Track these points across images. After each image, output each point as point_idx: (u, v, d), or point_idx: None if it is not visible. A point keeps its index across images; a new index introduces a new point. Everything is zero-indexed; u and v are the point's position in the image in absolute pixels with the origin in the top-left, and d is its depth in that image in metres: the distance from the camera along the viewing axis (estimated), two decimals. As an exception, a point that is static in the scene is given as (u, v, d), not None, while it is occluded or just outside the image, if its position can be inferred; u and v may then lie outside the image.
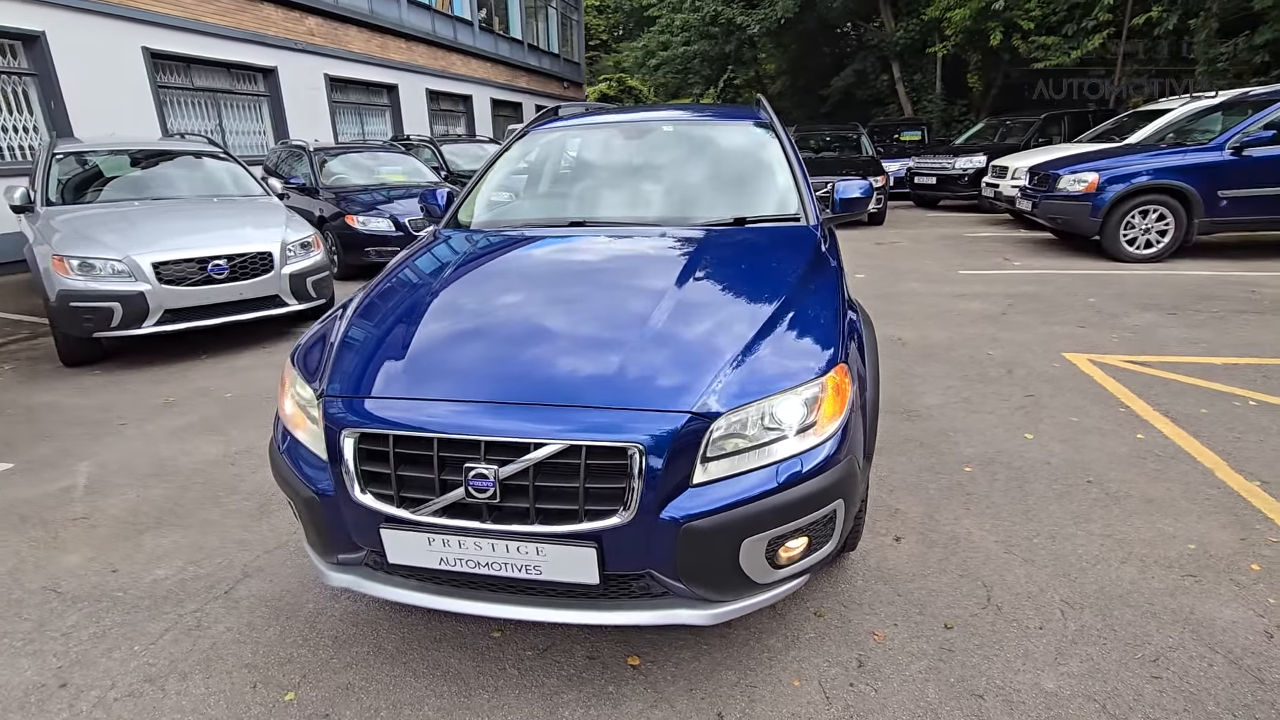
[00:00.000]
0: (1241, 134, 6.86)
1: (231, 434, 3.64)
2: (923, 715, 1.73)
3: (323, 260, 5.53)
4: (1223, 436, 3.19)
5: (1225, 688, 1.79)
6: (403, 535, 1.63)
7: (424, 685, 1.89)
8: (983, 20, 14.55)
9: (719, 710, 1.77)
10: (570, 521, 1.54)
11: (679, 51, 20.98)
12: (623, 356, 1.70)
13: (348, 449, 1.65)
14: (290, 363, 2.01)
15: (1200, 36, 11.60)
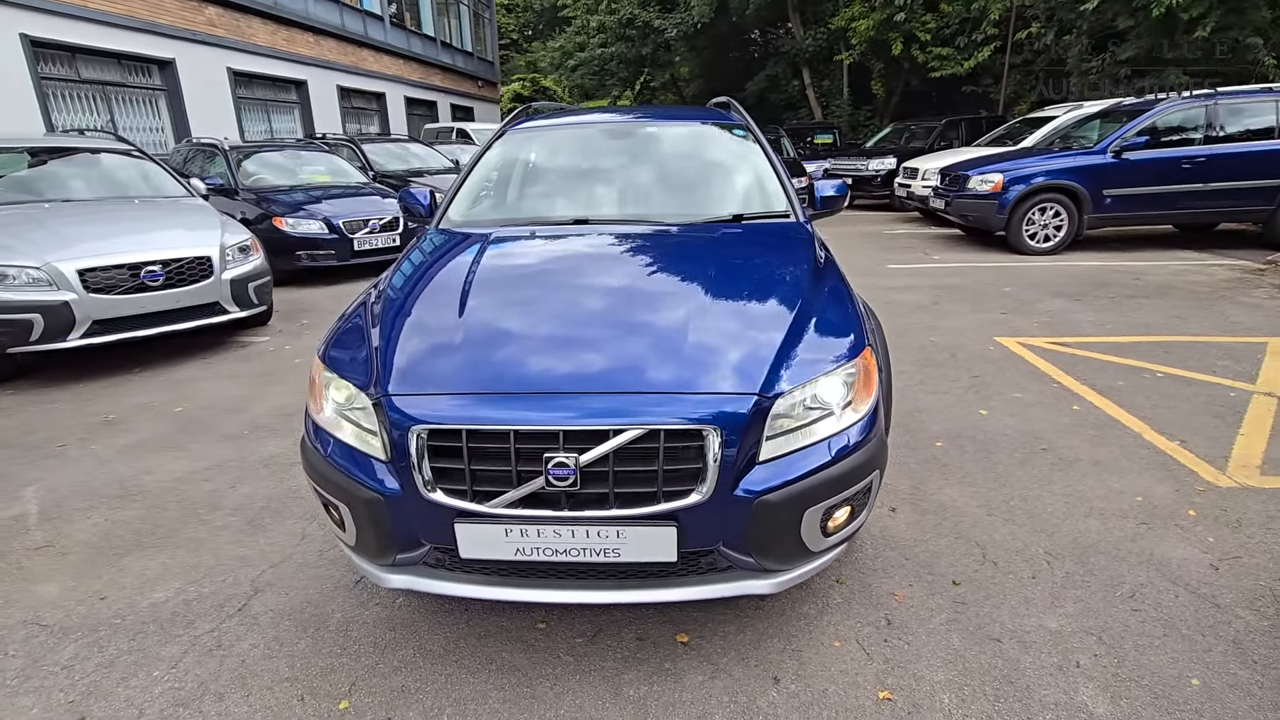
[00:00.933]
0: (1120, 139, 7.71)
1: (193, 449, 3.42)
2: (953, 661, 1.92)
3: (264, 264, 5.26)
4: (1142, 405, 3.63)
5: (1192, 613, 2.08)
6: (478, 529, 1.65)
7: (482, 681, 1.90)
8: (885, 31, 15.53)
9: (774, 675, 1.89)
10: (647, 503, 1.62)
11: (596, 53, 21.07)
12: (679, 344, 1.78)
13: (417, 447, 1.65)
14: (323, 365, 1.95)
15: (1074, 51, 12.88)
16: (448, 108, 22.64)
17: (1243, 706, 1.75)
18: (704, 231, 2.61)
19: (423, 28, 20.62)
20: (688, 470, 1.62)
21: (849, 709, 1.77)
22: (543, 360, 1.78)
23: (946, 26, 15.20)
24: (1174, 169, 7.66)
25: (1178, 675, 1.85)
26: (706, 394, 1.65)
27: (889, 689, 1.83)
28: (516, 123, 3.51)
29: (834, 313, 2.04)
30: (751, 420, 1.63)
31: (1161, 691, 1.80)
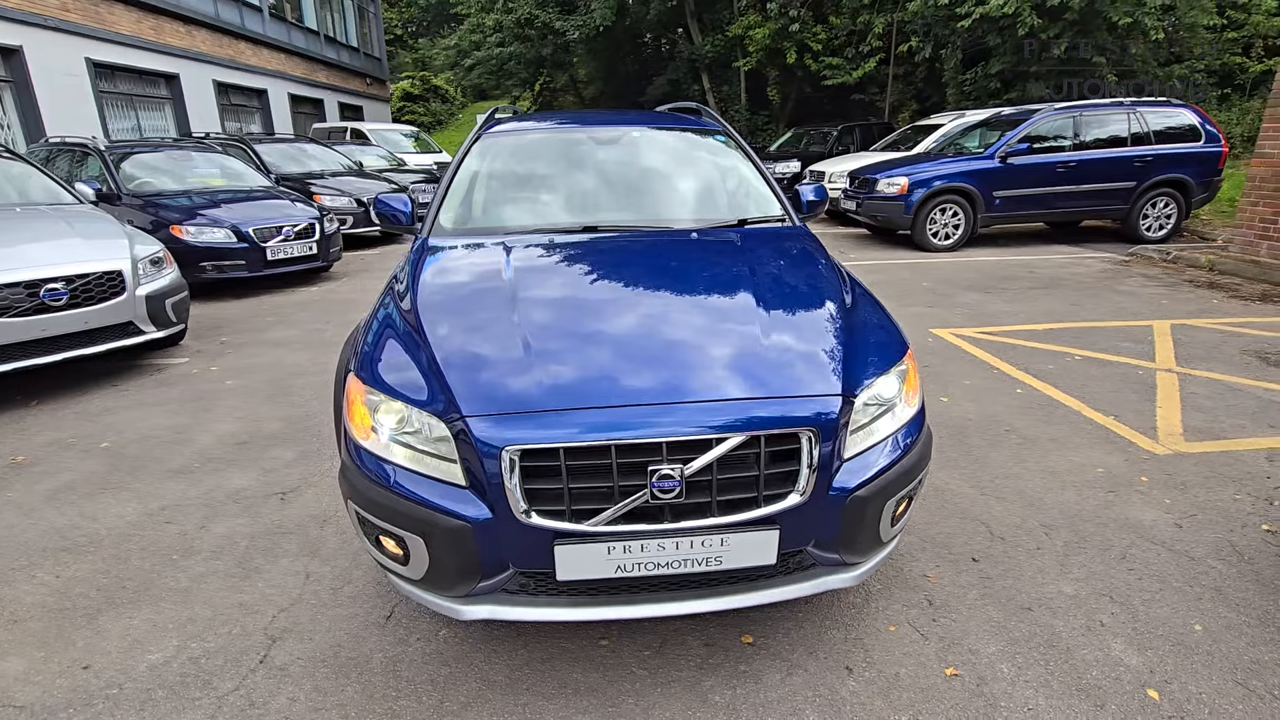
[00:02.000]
0: (1006, 145, 8.52)
1: (138, 489, 3.05)
2: (998, 632, 2.07)
3: (180, 278, 4.75)
4: (1072, 385, 4.05)
5: (1175, 568, 2.36)
6: (577, 549, 1.59)
7: (561, 705, 1.84)
8: (780, 41, 16.25)
9: (846, 665, 1.96)
10: (747, 509, 1.63)
11: (494, 53, 20.59)
12: (755, 350, 1.81)
13: (510, 470, 1.57)
14: (367, 386, 1.80)
15: (949, 65, 14.08)
16: (335, 106, 21.35)
17: (1239, 644, 2.01)
18: (721, 236, 2.65)
19: (305, 20, 19.32)
20: (783, 473, 1.65)
21: (924, 689, 1.87)
22: (625, 372, 1.74)
23: (836, 38, 16.13)
24: (1050, 172, 8.57)
25: (1183, 623, 2.10)
26: (798, 397, 1.68)
27: (952, 665, 1.95)
28: (488, 128, 3.39)
29: (874, 314, 2.14)
30: (838, 420, 1.68)
31: (1176, 639, 2.03)
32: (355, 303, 6.50)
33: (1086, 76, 12.14)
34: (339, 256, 7.75)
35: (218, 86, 14.82)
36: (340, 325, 5.69)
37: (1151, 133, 8.59)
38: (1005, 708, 1.80)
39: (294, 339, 5.34)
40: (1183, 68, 12.43)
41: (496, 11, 20.01)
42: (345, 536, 2.65)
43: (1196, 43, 12.16)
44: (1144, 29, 11.09)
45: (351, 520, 1.93)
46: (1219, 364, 4.35)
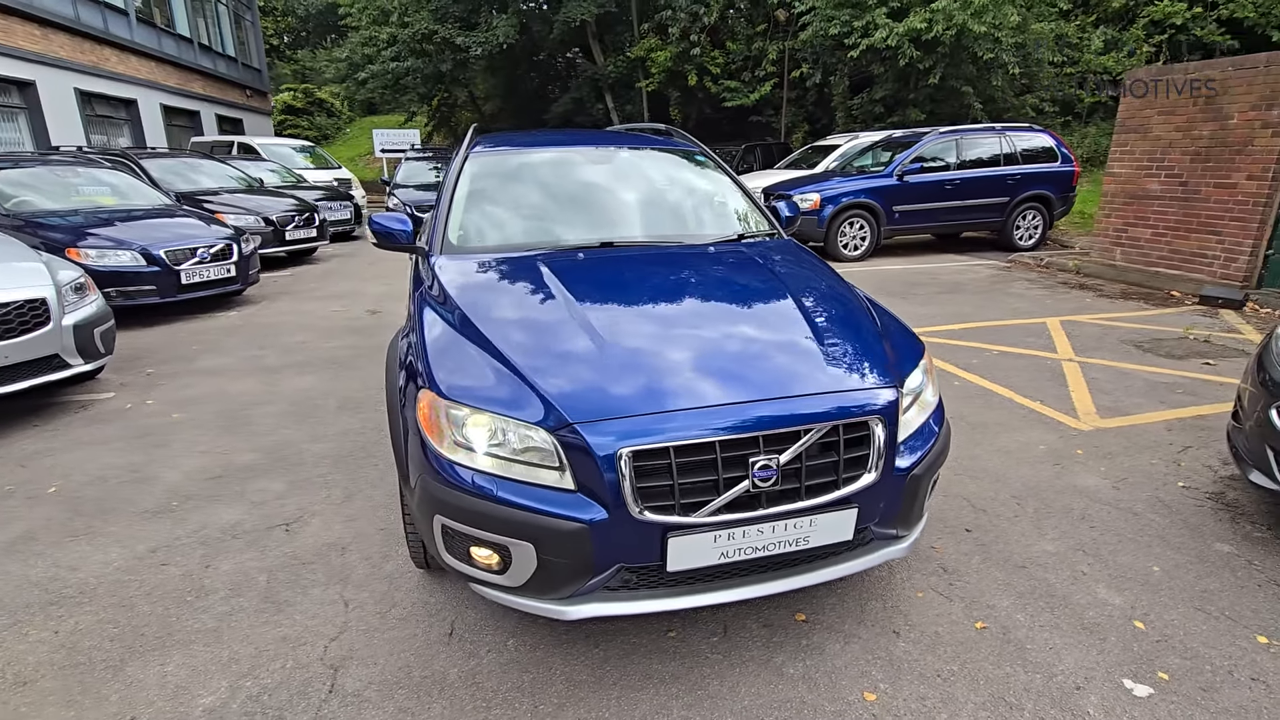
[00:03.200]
0: (902, 164, 9.40)
1: (114, 532, 2.81)
2: (1006, 588, 2.38)
3: (105, 306, 4.36)
4: (998, 376, 4.59)
5: (1125, 523, 2.79)
6: (688, 541, 1.71)
7: (652, 695, 1.94)
8: (681, 63, 16.93)
9: (893, 629, 2.19)
10: (828, 492, 1.82)
11: (389, 67, 19.94)
12: (814, 348, 2.01)
13: (625, 469, 1.67)
14: (450, 400, 1.83)
15: (838, 90, 15.24)
16: (213, 118, 19.86)
17: (1189, 578, 2.43)
18: (734, 248, 2.85)
19: (175, 26, 17.89)
20: (856, 457, 1.85)
21: (963, 642, 2.13)
22: (710, 373, 1.88)
23: (733, 63, 17.02)
24: (939, 189, 9.52)
25: (1144, 566, 2.50)
26: (864, 389, 1.90)
27: (979, 619, 2.23)
28: (474, 146, 3.42)
29: (889, 316, 2.41)
30: (896, 407, 1.92)
31: (1142, 580, 2.42)
32: (285, 327, 6.16)
33: (956, 104, 13.56)
34: (257, 279, 7.30)
35: (81, 96, 13.42)
36: (280, 351, 5.40)
37: (1019, 153, 9.76)
38: (1032, 649, 2.09)
39: (231, 367, 5.01)
40: (1033, 98, 14.18)
41: (391, 25, 19.44)
42: (373, 561, 2.59)
43: (1043, 76, 13.92)
44: (1003, 64, 12.57)
45: (429, 536, 1.94)
46: (1106, 352, 5.07)
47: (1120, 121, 7.76)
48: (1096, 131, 14.17)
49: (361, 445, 3.63)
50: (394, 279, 8.51)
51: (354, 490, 3.15)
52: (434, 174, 13.98)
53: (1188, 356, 4.98)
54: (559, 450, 1.74)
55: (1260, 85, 6.37)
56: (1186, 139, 7.04)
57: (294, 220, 9.41)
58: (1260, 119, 6.39)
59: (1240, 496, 2.98)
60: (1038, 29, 12.89)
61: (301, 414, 4.09)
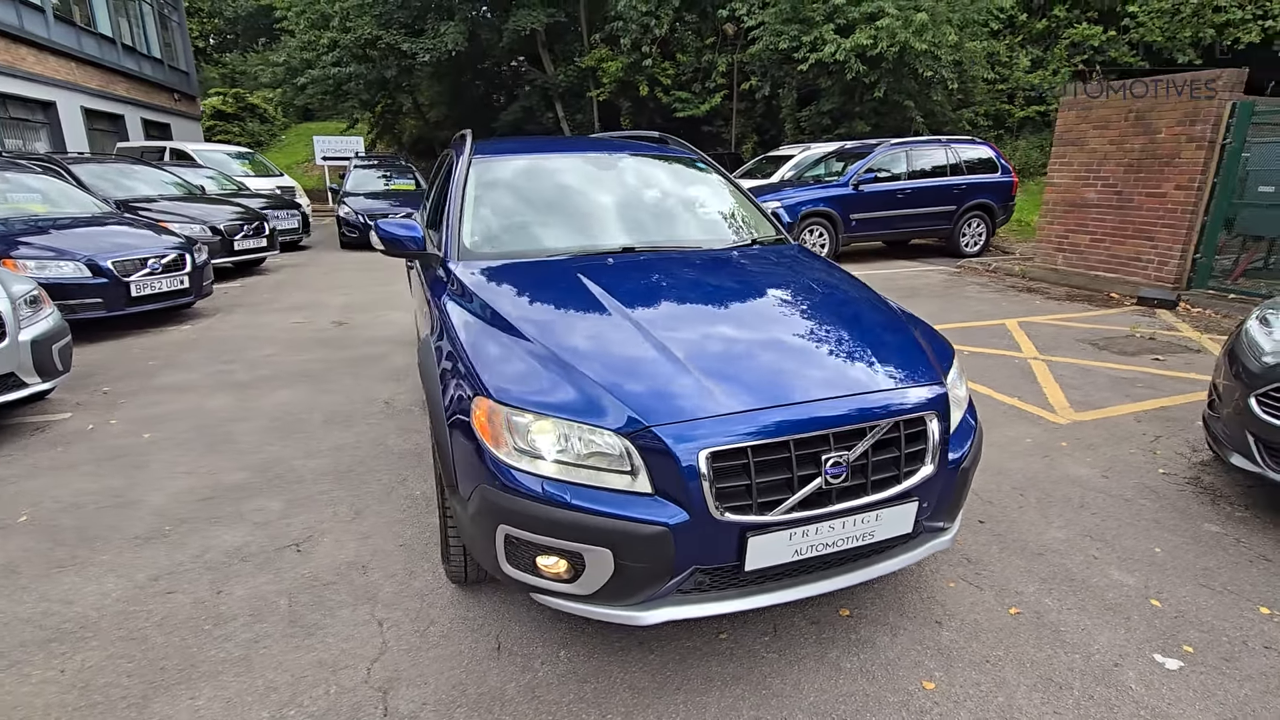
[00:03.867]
0: (857, 174, 9.74)
1: (105, 561, 2.62)
2: (1029, 574, 2.49)
3: (62, 320, 4.06)
4: (975, 374, 4.80)
5: (1122, 508, 2.97)
6: (766, 539, 1.73)
7: (718, 697, 1.94)
8: (632, 74, 17.08)
9: (935, 619, 2.26)
10: (889, 486, 1.87)
11: (331, 72, 19.34)
12: (865, 349, 2.06)
13: (705, 470, 1.67)
14: (519, 409, 1.80)
15: (786, 103, 15.68)
16: (138, 123, 18.78)
17: (1190, 557, 2.60)
18: (758, 253, 2.90)
19: (96, 25, 16.86)
20: (914, 452, 1.91)
21: (1001, 628, 2.21)
22: (770, 374, 1.90)
23: (683, 74, 17.28)
24: (892, 198, 9.91)
25: (1147, 548, 2.66)
26: (918, 386, 1.96)
27: (1012, 606, 2.32)
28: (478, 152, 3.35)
29: (914, 318, 2.50)
30: (946, 403, 1.99)
31: (1148, 560, 2.58)
32: (247, 340, 5.87)
33: (899, 117, 14.16)
34: (210, 291, 6.93)
35: (-7, 96, 12.49)
36: (248, 365, 5.14)
37: (963, 164, 10.27)
38: (1066, 631, 2.19)
39: (197, 383, 4.74)
40: (969, 112, 14.95)
41: (333, 30, 18.89)
42: (399, 579, 2.50)
43: (977, 92, 14.71)
44: (942, 79, 13.21)
45: (486, 547, 1.88)
46: (1067, 351, 5.38)
47: (1059, 135, 8.27)
48: (1026, 144, 15.05)
49: (359, 460, 3.49)
50: (353, 289, 8.24)
51: (361, 507, 3.02)
52: (382, 182, 13.65)
53: (1139, 353, 5.33)
54: (630, 454, 1.73)
55: (1184, 103, 6.91)
56: (1120, 151, 7.57)
57: (243, 229, 9.00)
58: (1185, 134, 6.93)
59: (1216, 480, 3.21)
60: (971, 47, 13.61)
61: (286, 430, 3.90)
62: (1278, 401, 2.65)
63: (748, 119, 17.89)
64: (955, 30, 12.87)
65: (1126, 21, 14.34)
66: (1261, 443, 2.70)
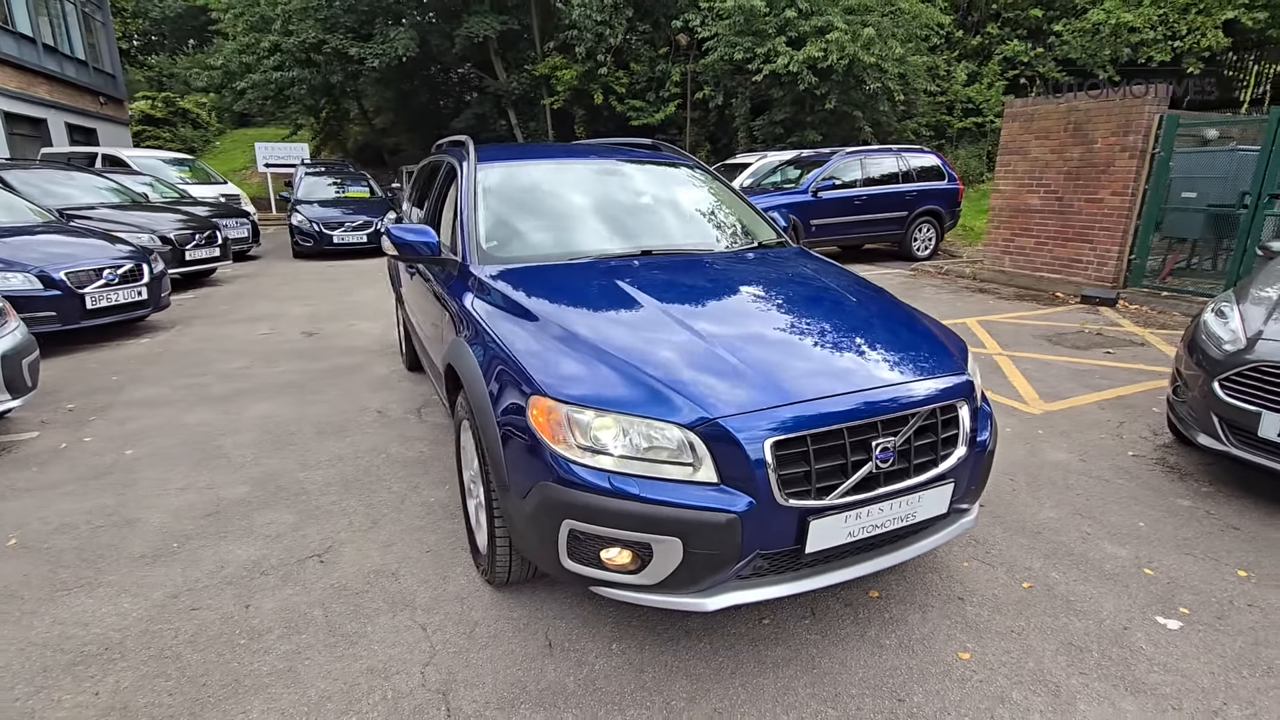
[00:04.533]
0: (816, 182, 10.07)
1: (114, 582, 2.51)
2: (1031, 551, 2.67)
3: (29, 333, 3.85)
4: (947, 371, 5.04)
5: (1101, 487, 3.20)
6: (825, 522, 1.82)
7: (773, 679, 2.02)
8: (587, 82, 17.17)
9: (958, 596, 2.40)
10: (929, 469, 1.99)
11: (273, 77, 18.71)
12: (895, 343, 2.19)
13: (770, 459, 1.75)
14: (579, 406, 1.84)
15: (740, 112, 16.06)
16: (62, 127, 17.73)
17: (1170, 529, 2.84)
18: (772, 255, 3.03)
19: (15, 24, 15.86)
20: (948, 437, 2.04)
21: (1019, 601, 2.37)
22: (818, 366, 2.00)
23: (637, 83, 17.48)
24: (849, 204, 10.29)
25: (1131, 524, 2.89)
26: (950, 375, 2.09)
27: (1023, 580, 2.49)
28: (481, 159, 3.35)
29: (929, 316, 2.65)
30: (974, 390, 2.13)
31: (1134, 534, 2.80)
32: (214, 353, 5.66)
33: (848, 126, 14.69)
34: (168, 303, 6.63)
35: (-99, 98, 11.57)
36: (221, 378, 4.96)
37: (913, 171, 10.76)
38: (1076, 601, 2.37)
39: (171, 397, 4.55)
40: (912, 123, 15.64)
41: (274, 33, 18.30)
42: (432, 584, 2.49)
43: (920, 104, 15.40)
44: (888, 91, 13.79)
45: (546, 544, 1.91)
46: (1026, 347, 5.72)
47: (1003, 144, 8.77)
48: (965, 153, 15.82)
49: (364, 470, 3.43)
50: (315, 299, 8.03)
51: (377, 516, 2.98)
52: (334, 190, 13.29)
53: (1090, 347, 5.71)
54: (693, 446, 1.79)
55: (1117, 115, 7.46)
56: (1060, 160, 8.08)
57: (194, 238, 8.64)
58: (1119, 144, 7.47)
59: (1180, 460, 3.50)
60: (913, 61, 14.26)
61: (278, 442, 3.80)
62: (1239, 385, 2.92)
63: (701, 128, 18.22)
64: (900, 44, 13.46)
65: (1052, 39, 15.30)
66: (1226, 423, 2.97)
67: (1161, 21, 14.11)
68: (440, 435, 3.87)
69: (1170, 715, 1.88)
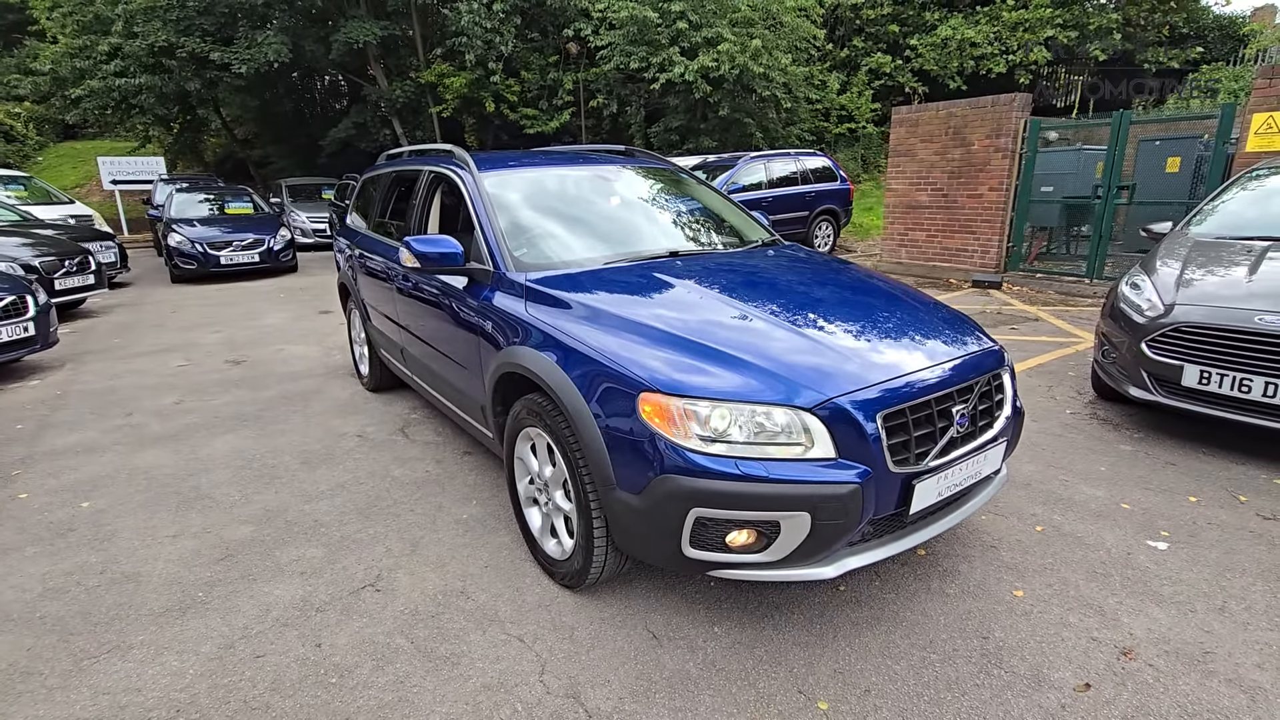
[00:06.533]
0: (725, 185, 10.55)
1: (143, 640, 2.26)
2: (1029, 500, 3.05)
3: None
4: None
5: (1060, 441, 3.68)
6: (925, 485, 2.02)
7: (869, 637, 2.20)
8: (477, 90, 16.85)
9: (990, 544, 2.70)
10: (988, 430, 2.26)
11: (115, 84, 16.72)
12: (934, 322, 2.44)
13: (881, 432, 1.93)
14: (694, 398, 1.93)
15: (635, 120, 16.42)
16: None
17: (1124, 469, 3.33)
18: (788, 250, 3.24)
19: None
20: (998, 401, 2.32)
21: (1040, 542, 2.71)
22: (889, 346, 2.19)
23: (529, 91, 17.38)
24: (756, 206, 10.80)
25: (1095, 468, 3.36)
26: (992, 348, 2.37)
27: (1036, 525, 2.84)
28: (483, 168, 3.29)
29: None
30: (1007, 360, 2.43)
31: (1101, 477, 3.26)
32: (137, 389, 5.08)
33: (740, 133, 15.45)
34: (57, 339, 5.84)
35: None
36: (156, 416, 4.48)
37: (809, 173, 11.54)
38: (1083, 536, 2.75)
39: (104, 441, 4.06)
40: (796, 129, 16.70)
41: (114, 35, 16.42)
42: (508, 597, 2.45)
43: (801, 111, 16.49)
44: (776, 99, 14.66)
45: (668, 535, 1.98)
46: (946, 328, 6.35)
47: (893, 147, 9.64)
48: (842, 157, 17.11)
49: (375, 496, 3.27)
50: (223, 325, 7.38)
51: (414, 540, 2.87)
52: (209, 206, 12.17)
53: (996, 325, 6.45)
54: (807, 426, 1.93)
55: (990, 120, 8.44)
56: (944, 161, 9.02)
57: (63, 266, 7.65)
58: (993, 145, 8.46)
59: (1109, 414, 4.09)
60: (794, 71, 15.26)
61: (263, 477, 3.52)
62: (1163, 345, 3.48)
63: (596, 136, 18.41)
64: (784, 55, 14.36)
65: (909, 53, 16.93)
66: (1154, 377, 3.53)
67: (997, 38, 16.04)
68: (441, 454, 3.75)
69: (1190, 617, 2.25)
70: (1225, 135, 6.97)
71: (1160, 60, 16.74)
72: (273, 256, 10.87)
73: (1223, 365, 3.27)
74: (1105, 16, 15.80)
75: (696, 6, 13.92)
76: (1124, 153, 7.73)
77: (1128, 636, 2.16)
